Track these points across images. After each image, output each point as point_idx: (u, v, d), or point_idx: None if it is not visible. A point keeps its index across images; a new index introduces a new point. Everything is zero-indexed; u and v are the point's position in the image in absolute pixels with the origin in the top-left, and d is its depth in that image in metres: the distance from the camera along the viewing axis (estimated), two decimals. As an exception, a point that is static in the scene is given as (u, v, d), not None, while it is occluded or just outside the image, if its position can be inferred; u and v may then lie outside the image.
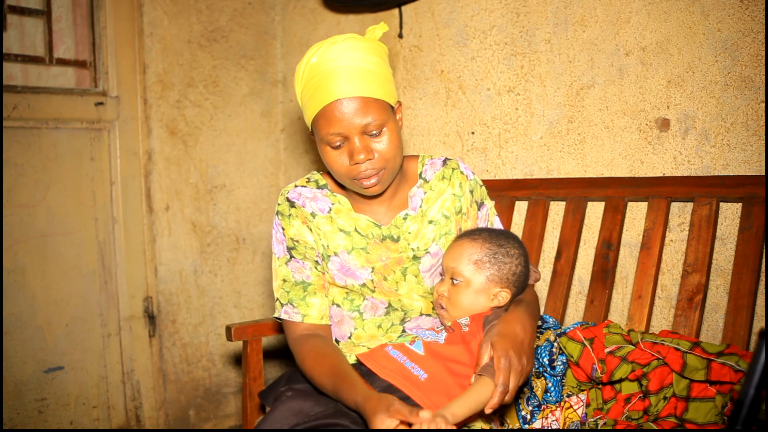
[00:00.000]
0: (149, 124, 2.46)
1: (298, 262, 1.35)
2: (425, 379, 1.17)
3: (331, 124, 1.22)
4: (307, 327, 1.34)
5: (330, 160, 1.26)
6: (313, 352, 1.28)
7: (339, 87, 1.21)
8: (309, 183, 1.39)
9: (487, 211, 1.45)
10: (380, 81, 1.25)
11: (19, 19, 2.22)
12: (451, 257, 1.31)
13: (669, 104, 1.68)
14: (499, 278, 1.28)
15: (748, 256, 1.42)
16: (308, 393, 1.25)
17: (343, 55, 1.22)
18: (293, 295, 1.34)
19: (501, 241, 1.30)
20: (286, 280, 1.35)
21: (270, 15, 2.76)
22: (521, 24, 1.97)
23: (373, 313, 1.37)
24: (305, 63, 1.25)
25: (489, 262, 1.28)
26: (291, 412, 1.19)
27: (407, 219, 1.37)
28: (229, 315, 2.70)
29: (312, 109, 1.25)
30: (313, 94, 1.24)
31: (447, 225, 1.39)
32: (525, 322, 1.21)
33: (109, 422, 2.40)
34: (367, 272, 1.35)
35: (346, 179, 1.28)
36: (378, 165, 1.25)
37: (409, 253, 1.36)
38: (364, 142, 1.23)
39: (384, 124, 1.24)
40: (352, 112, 1.21)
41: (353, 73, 1.22)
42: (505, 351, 1.13)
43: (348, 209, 1.36)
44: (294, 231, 1.35)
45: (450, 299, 1.29)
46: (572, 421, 1.34)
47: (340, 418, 1.15)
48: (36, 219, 2.23)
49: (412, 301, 1.37)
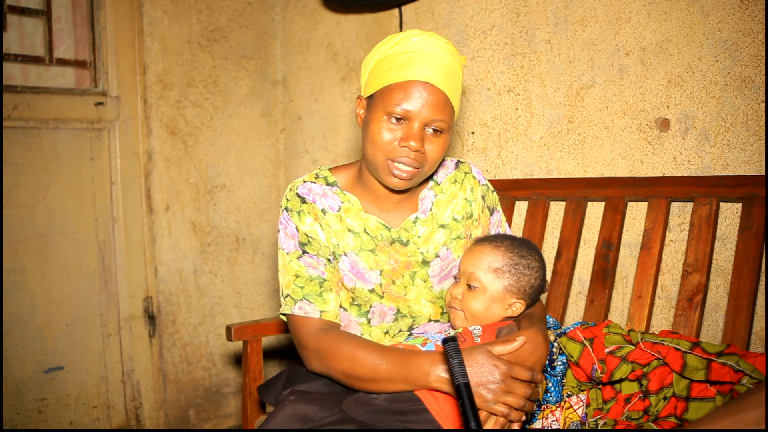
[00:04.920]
0: (149, 124, 2.46)
1: (312, 257, 1.28)
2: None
3: (407, 98, 1.21)
4: (325, 323, 1.27)
5: (378, 130, 1.23)
6: (349, 339, 1.22)
7: (434, 73, 1.22)
8: (318, 179, 1.35)
9: (500, 218, 1.44)
10: (458, 93, 1.28)
11: (19, 19, 2.22)
12: (471, 261, 1.28)
13: (669, 104, 1.68)
14: (517, 289, 1.26)
15: (748, 256, 1.42)
16: (312, 396, 1.19)
17: (443, 52, 1.25)
18: (308, 291, 1.27)
19: (523, 252, 1.28)
20: (299, 275, 1.28)
21: (270, 15, 2.76)
22: (521, 24, 1.97)
23: (381, 320, 1.33)
24: (403, 36, 1.25)
25: (509, 272, 1.26)
26: (294, 417, 1.14)
27: (417, 222, 1.35)
28: (229, 315, 2.70)
29: (391, 77, 1.23)
30: (400, 65, 1.22)
31: (458, 229, 1.37)
32: (538, 343, 1.20)
33: (109, 422, 2.41)
34: (375, 275, 1.31)
35: (381, 157, 1.24)
36: (420, 161, 1.23)
37: (418, 257, 1.33)
38: (422, 133, 1.23)
39: (446, 131, 1.25)
40: (431, 101, 1.21)
41: (447, 70, 1.24)
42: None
43: (358, 209, 1.33)
44: (307, 228, 1.30)
45: (464, 303, 1.27)
46: (572, 421, 1.34)
47: (344, 424, 1.11)
48: (36, 219, 2.23)
49: (421, 307, 1.35)
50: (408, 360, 1.14)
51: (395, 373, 1.14)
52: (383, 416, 1.12)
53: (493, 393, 1.09)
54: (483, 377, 1.10)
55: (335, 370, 1.20)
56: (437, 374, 1.11)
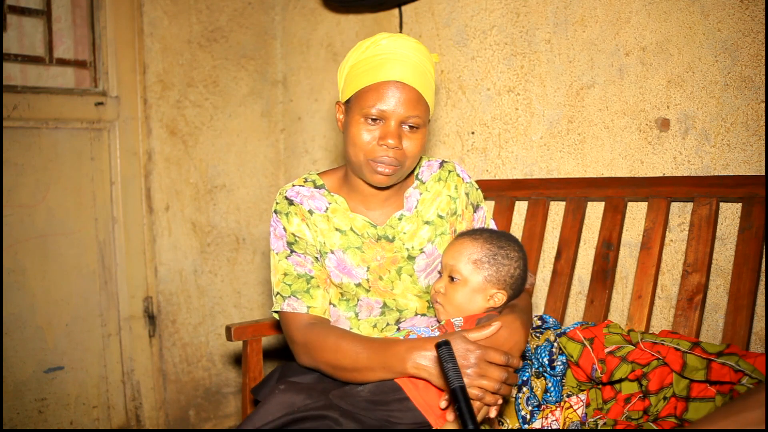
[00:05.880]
0: (149, 124, 2.46)
1: (300, 256, 1.35)
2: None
3: (381, 99, 1.26)
4: (312, 317, 1.32)
5: (358, 132, 1.28)
6: (334, 331, 1.27)
7: (404, 72, 1.26)
8: (306, 183, 1.41)
9: (484, 214, 1.48)
10: (431, 90, 1.33)
11: (19, 19, 2.22)
12: (451, 255, 1.31)
13: (669, 104, 1.68)
14: (497, 280, 1.29)
15: (748, 256, 1.42)
16: (302, 386, 1.23)
17: (413, 52, 1.29)
18: (296, 288, 1.33)
19: (501, 243, 1.31)
20: (288, 273, 1.34)
21: (270, 15, 2.76)
22: (521, 24, 1.97)
23: (368, 313, 1.38)
24: (372, 41, 1.31)
25: (488, 263, 1.29)
26: (281, 405, 1.18)
27: (402, 219, 1.39)
28: (229, 315, 2.70)
29: (364, 80, 1.28)
30: (372, 68, 1.28)
31: (442, 226, 1.41)
32: (515, 329, 1.22)
33: (109, 422, 2.41)
34: (362, 271, 1.36)
35: (362, 157, 1.29)
36: (399, 158, 1.28)
37: (404, 253, 1.37)
38: (399, 131, 1.27)
39: (422, 126, 1.30)
40: (404, 99, 1.26)
41: (418, 68, 1.28)
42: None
43: (345, 209, 1.38)
44: (294, 228, 1.36)
45: (446, 296, 1.30)
46: (572, 421, 1.34)
47: (328, 410, 1.14)
48: (36, 219, 2.23)
49: (408, 301, 1.39)
50: (386, 348, 1.18)
51: (374, 360, 1.18)
52: (366, 406, 1.15)
53: (468, 377, 1.12)
54: (458, 362, 1.12)
55: (322, 361, 1.25)
56: (414, 361, 1.14)
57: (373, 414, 1.14)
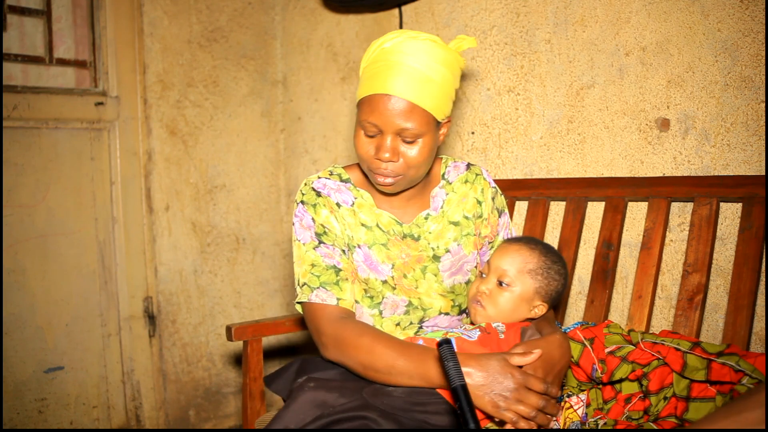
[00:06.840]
0: (149, 124, 2.46)
1: (329, 247, 1.31)
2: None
3: (373, 113, 1.23)
4: (342, 311, 1.28)
5: (359, 143, 1.28)
6: (368, 330, 1.23)
7: (394, 83, 1.22)
8: (332, 176, 1.39)
9: (507, 220, 1.50)
10: (436, 93, 1.25)
11: (19, 19, 2.22)
12: (505, 260, 1.32)
13: (669, 104, 1.68)
14: (546, 293, 1.31)
15: (748, 256, 1.42)
16: (332, 384, 1.19)
17: (414, 54, 1.23)
18: (325, 279, 1.29)
19: (555, 258, 1.34)
20: (316, 264, 1.30)
21: (270, 15, 2.76)
22: (521, 24, 1.97)
23: (392, 312, 1.37)
24: (379, 44, 1.27)
25: (542, 275, 1.31)
26: (313, 404, 1.13)
27: (428, 219, 1.39)
28: (229, 315, 2.70)
29: (364, 90, 1.27)
30: (370, 76, 1.25)
31: (468, 227, 1.42)
32: (565, 350, 1.24)
33: (109, 422, 2.41)
34: (387, 268, 1.35)
35: (366, 167, 1.30)
36: (399, 170, 1.26)
37: (429, 252, 1.37)
38: (394, 144, 1.25)
39: (421, 136, 1.25)
40: (395, 112, 1.22)
41: (414, 75, 1.22)
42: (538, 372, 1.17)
43: (370, 204, 1.37)
44: (323, 219, 1.33)
45: (491, 299, 1.31)
46: (572, 421, 1.34)
47: (366, 410, 1.11)
48: (36, 219, 2.23)
49: (432, 300, 1.38)
50: (425, 359, 1.16)
51: (413, 369, 1.16)
52: (404, 406, 1.14)
53: (505, 400, 1.12)
54: (497, 384, 1.12)
55: (353, 360, 1.22)
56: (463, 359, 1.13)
57: (410, 415, 1.13)
